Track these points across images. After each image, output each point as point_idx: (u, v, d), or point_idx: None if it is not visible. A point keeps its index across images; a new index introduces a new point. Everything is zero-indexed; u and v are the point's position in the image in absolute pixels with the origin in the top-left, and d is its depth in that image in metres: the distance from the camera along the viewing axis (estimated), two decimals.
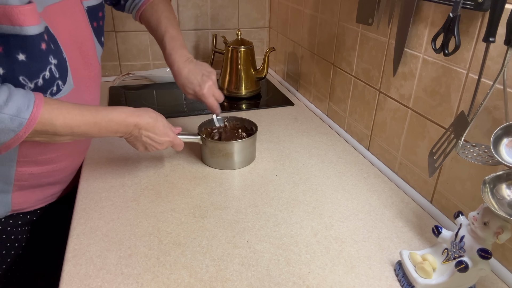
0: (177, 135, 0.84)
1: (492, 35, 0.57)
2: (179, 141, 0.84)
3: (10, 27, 0.57)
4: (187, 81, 0.88)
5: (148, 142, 0.78)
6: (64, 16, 0.71)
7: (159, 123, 0.77)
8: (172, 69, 0.90)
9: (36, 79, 0.63)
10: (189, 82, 0.88)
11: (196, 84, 0.88)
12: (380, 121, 0.93)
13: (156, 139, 0.78)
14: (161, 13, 0.93)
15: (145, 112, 0.76)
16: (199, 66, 0.90)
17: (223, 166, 0.91)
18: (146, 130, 0.75)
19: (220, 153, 0.90)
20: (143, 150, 0.80)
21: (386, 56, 0.87)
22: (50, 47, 0.65)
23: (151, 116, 0.76)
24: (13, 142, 0.60)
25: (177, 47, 0.89)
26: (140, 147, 0.79)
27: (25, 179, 0.76)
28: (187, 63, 0.89)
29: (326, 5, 1.11)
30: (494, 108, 0.62)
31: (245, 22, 1.58)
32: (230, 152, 0.90)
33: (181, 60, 0.89)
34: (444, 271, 0.58)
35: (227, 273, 0.63)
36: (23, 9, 0.57)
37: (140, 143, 0.78)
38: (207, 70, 0.90)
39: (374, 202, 0.81)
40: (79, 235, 0.70)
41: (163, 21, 0.91)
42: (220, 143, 0.91)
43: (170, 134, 0.80)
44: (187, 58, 0.90)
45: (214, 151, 0.90)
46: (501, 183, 0.53)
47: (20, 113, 0.58)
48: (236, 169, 0.92)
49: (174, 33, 0.91)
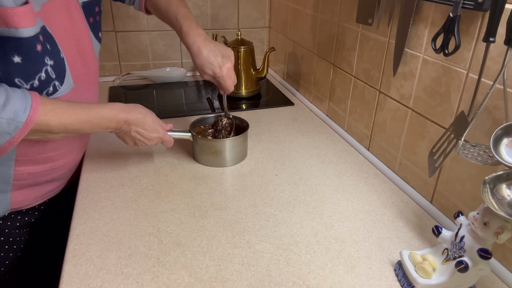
0: (168, 131, 0.84)
1: (492, 35, 0.57)
2: (169, 138, 0.84)
3: (5, 29, 0.57)
4: (207, 61, 0.85)
5: (137, 137, 0.79)
6: (60, 13, 0.71)
7: (148, 119, 0.78)
8: (191, 48, 0.86)
9: (31, 81, 0.63)
10: (209, 63, 0.85)
11: (216, 65, 0.85)
12: (380, 121, 0.93)
13: (145, 134, 0.79)
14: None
15: (135, 108, 0.77)
16: (219, 47, 0.87)
17: (213, 164, 0.92)
18: (135, 125, 0.76)
19: (210, 150, 0.90)
20: (133, 145, 0.81)
21: (386, 56, 0.87)
22: (46, 48, 0.64)
23: (141, 112, 0.77)
24: (9, 145, 0.60)
25: (194, 26, 0.87)
26: (130, 142, 0.80)
27: (24, 178, 0.76)
28: (207, 43, 0.86)
29: (326, 5, 1.11)
30: (494, 108, 0.62)
31: (245, 22, 1.58)
32: (220, 150, 0.90)
33: (199, 39, 0.85)
34: (444, 271, 0.58)
35: (227, 273, 0.63)
36: (18, 10, 0.56)
37: (130, 138, 0.79)
38: (226, 52, 0.87)
39: (374, 202, 0.81)
40: (79, 235, 0.70)
41: (173, 2, 0.89)
42: (210, 141, 0.92)
43: (160, 130, 0.81)
44: (205, 37, 0.87)
45: (204, 148, 0.91)
46: (501, 183, 0.53)
47: (17, 116, 0.58)
48: (227, 166, 0.92)
49: (186, 12, 0.88)
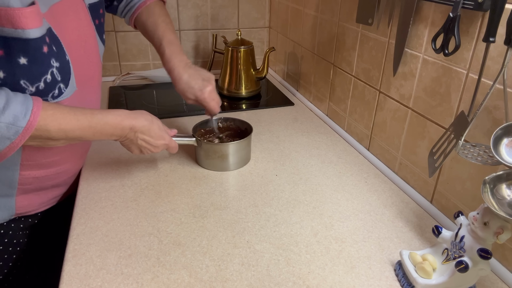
0: (172, 137, 0.83)
1: (492, 35, 0.57)
2: (174, 144, 0.83)
3: (12, 30, 0.56)
4: (188, 86, 0.88)
5: (143, 145, 0.77)
6: (68, 14, 0.70)
7: (155, 126, 0.77)
8: (172, 74, 0.89)
9: (37, 83, 0.62)
10: (189, 87, 0.88)
11: (197, 89, 0.87)
12: (380, 121, 0.93)
13: (151, 142, 0.77)
14: (157, 16, 0.92)
15: (141, 115, 0.75)
16: (199, 71, 0.90)
17: (218, 168, 0.91)
18: (141, 133, 0.74)
19: (216, 154, 0.89)
20: (138, 153, 0.79)
21: (386, 56, 0.87)
22: (52, 50, 0.63)
23: (147, 119, 0.75)
24: (9, 150, 0.59)
25: (176, 52, 0.89)
26: (135, 150, 0.78)
27: (29, 182, 0.75)
28: (187, 68, 0.88)
29: (326, 5, 1.11)
30: (494, 108, 0.62)
31: (245, 22, 1.58)
32: (226, 154, 0.89)
33: (180, 65, 0.88)
34: (444, 271, 0.58)
35: (227, 273, 0.63)
36: (25, 11, 0.56)
37: (135, 146, 0.77)
38: (206, 75, 0.90)
39: (374, 202, 0.81)
40: (79, 235, 0.70)
41: (160, 25, 0.91)
42: (215, 145, 0.91)
43: (166, 137, 0.80)
44: (186, 63, 0.89)
45: (209, 153, 0.90)
46: (501, 183, 0.53)
47: (16, 121, 0.57)
48: (231, 170, 0.91)
49: (172, 37, 0.90)
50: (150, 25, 0.91)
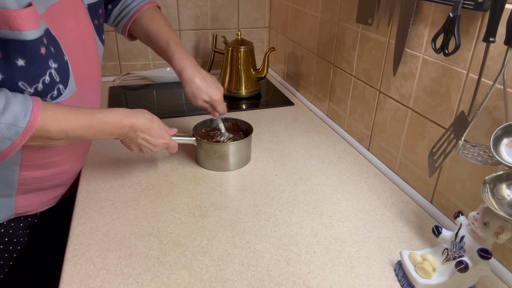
0: (172, 136, 0.83)
1: (492, 35, 0.57)
2: (174, 143, 0.83)
3: (9, 32, 0.56)
4: (199, 88, 0.87)
5: (143, 144, 0.77)
6: (66, 15, 0.70)
7: (155, 125, 0.77)
8: (183, 75, 0.88)
9: (35, 84, 0.62)
10: (204, 87, 0.88)
11: (210, 91, 0.88)
12: (380, 121, 0.93)
13: (151, 141, 0.77)
14: (160, 20, 0.92)
15: (141, 114, 0.75)
16: (209, 75, 0.91)
17: (218, 168, 0.91)
18: (142, 131, 0.75)
19: (215, 154, 0.89)
20: (138, 151, 0.79)
21: (386, 56, 0.87)
22: (50, 51, 0.63)
23: (147, 118, 0.75)
24: (10, 150, 0.59)
25: (185, 54, 0.89)
26: (135, 148, 0.78)
27: (29, 183, 0.76)
28: (199, 70, 0.89)
29: (326, 5, 1.11)
30: (494, 108, 0.62)
31: (245, 22, 1.58)
32: (226, 154, 0.89)
33: (192, 67, 0.88)
34: (444, 271, 0.58)
35: (227, 273, 0.63)
36: (21, 13, 0.56)
37: (135, 145, 0.77)
38: (214, 78, 0.91)
39: (374, 202, 0.81)
40: (79, 235, 0.70)
41: (164, 27, 0.91)
42: (216, 145, 0.91)
43: (166, 136, 0.80)
44: (196, 65, 0.90)
45: (209, 153, 0.90)
46: (501, 183, 0.53)
47: (17, 122, 0.57)
48: (231, 170, 0.91)
49: (178, 39, 0.91)
50: (153, 27, 0.91)
